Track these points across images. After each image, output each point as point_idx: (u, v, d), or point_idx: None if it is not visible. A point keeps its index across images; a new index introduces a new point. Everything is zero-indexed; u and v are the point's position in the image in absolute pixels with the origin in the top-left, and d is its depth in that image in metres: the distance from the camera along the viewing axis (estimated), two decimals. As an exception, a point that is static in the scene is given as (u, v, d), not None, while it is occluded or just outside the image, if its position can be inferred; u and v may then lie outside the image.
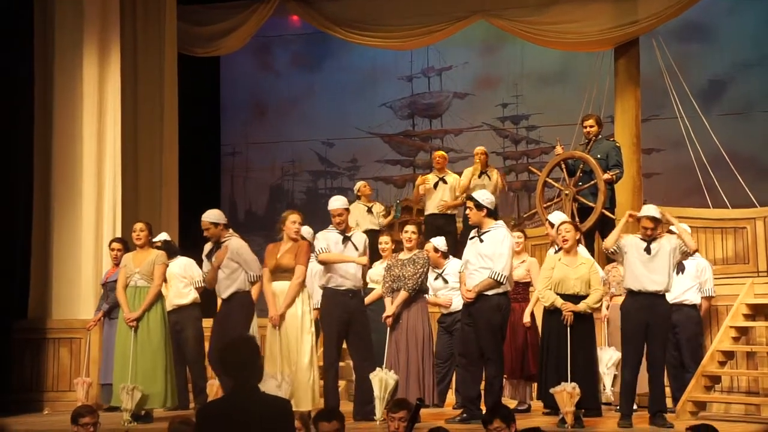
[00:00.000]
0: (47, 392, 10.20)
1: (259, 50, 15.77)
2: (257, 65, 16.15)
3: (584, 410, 7.66)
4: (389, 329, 8.36)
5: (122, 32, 11.35)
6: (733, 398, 8.89)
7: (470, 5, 12.67)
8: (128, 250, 9.14)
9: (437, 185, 11.54)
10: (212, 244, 8.34)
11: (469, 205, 7.95)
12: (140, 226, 8.78)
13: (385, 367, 8.05)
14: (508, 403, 7.91)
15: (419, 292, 8.44)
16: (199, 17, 13.17)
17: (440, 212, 11.49)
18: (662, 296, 7.76)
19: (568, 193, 10.15)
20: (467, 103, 15.53)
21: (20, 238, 10.76)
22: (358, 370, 8.18)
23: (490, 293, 7.65)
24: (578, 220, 9.69)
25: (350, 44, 13.74)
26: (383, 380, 7.86)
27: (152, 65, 11.97)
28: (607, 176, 9.95)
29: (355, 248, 8.17)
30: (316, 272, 8.69)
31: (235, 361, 4.32)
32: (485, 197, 7.88)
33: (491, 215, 7.90)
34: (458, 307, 8.47)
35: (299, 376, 7.74)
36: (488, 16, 12.64)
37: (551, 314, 7.94)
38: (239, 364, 4.31)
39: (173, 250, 9.45)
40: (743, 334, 8.97)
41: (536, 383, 8.48)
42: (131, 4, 11.77)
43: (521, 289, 8.81)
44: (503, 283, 7.67)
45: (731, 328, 8.87)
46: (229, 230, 8.37)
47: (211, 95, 15.52)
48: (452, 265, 9.03)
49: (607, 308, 8.86)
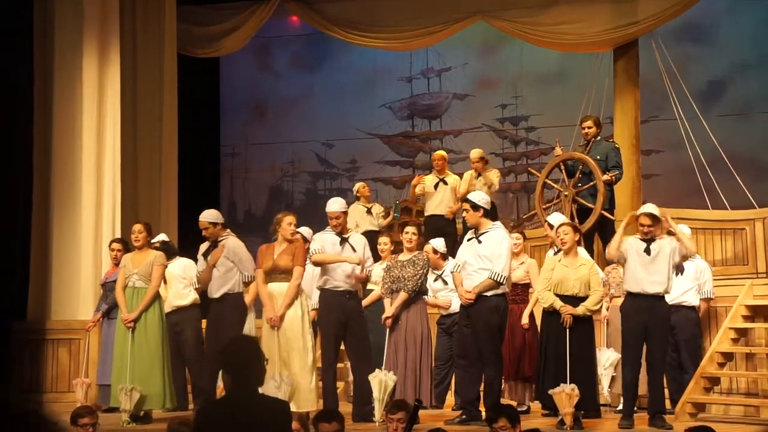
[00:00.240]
0: (46, 393, 10.20)
1: (258, 51, 15.77)
2: (257, 66, 16.16)
3: (583, 411, 7.66)
4: (388, 330, 8.36)
5: (122, 33, 11.36)
6: (732, 400, 8.88)
7: (470, 6, 12.67)
8: (128, 250, 9.14)
9: (437, 186, 11.51)
10: (209, 243, 8.37)
11: (465, 207, 7.96)
12: (139, 227, 8.79)
13: (384, 368, 8.05)
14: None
15: (418, 293, 8.44)
16: (198, 18, 13.18)
17: (447, 217, 11.44)
18: (662, 298, 7.76)
19: (567, 194, 10.15)
20: (467, 104, 15.54)
21: (19, 238, 10.77)
22: (356, 371, 8.18)
23: (488, 294, 7.65)
24: (577, 221, 9.69)
25: (350, 45, 13.75)
26: (382, 381, 7.86)
27: (152, 65, 11.98)
28: (606, 177, 9.96)
29: (353, 250, 8.17)
30: (314, 273, 8.68)
31: (236, 361, 4.32)
32: (480, 198, 7.89)
33: (488, 216, 7.90)
34: (457, 308, 8.46)
35: (298, 377, 7.74)
36: (488, 17, 12.64)
37: (550, 315, 7.95)
38: (240, 364, 4.30)
39: (172, 250, 9.44)
40: (742, 335, 8.97)
41: (534, 384, 8.49)
42: (131, 4, 11.78)
43: (520, 290, 8.80)
44: (503, 283, 7.67)
45: (730, 329, 8.86)
46: (226, 230, 8.41)
47: (210, 96, 15.53)
48: (452, 266, 9.02)
49: (607, 309, 8.86)
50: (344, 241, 8.19)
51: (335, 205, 8.26)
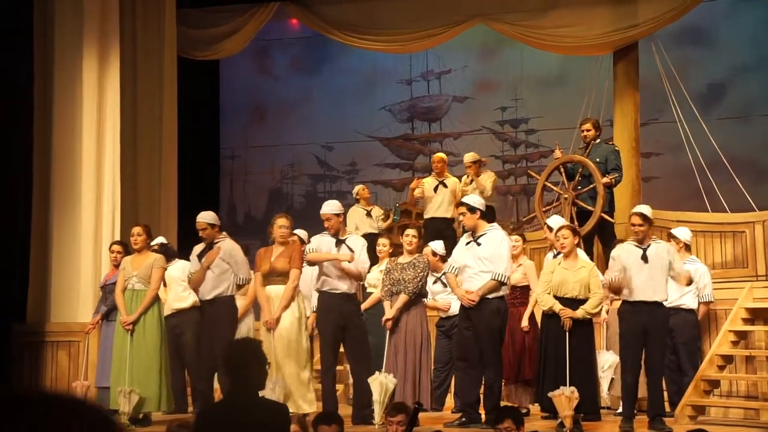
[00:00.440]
0: (45, 395, 10.17)
1: (258, 54, 15.77)
2: (256, 69, 16.15)
3: (583, 414, 7.66)
4: (388, 333, 8.35)
5: (122, 34, 11.36)
6: (732, 402, 8.88)
7: (470, 9, 12.66)
8: (128, 252, 9.13)
9: (437, 189, 11.49)
10: (204, 244, 8.38)
11: (462, 211, 7.99)
12: (138, 230, 8.78)
13: (384, 370, 8.04)
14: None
15: (418, 296, 8.44)
16: (198, 20, 13.18)
17: (451, 218, 11.41)
18: (660, 302, 7.76)
19: (567, 196, 10.15)
20: (466, 106, 15.53)
21: (19, 240, 10.76)
22: (355, 373, 8.17)
23: (489, 297, 7.65)
24: (577, 224, 9.68)
25: (349, 48, 13.74)
26: (382, 384, 7.85)
27: (152, 67, 11.98)
28: (606, 180, 9.96)
29: (350, 251, 8.16)
30: (313, 276, 8.68)
31: (236, 362, 4.32)
32: (475, 200, 7.94)
33: (485, 218, 7.91)
34: (457, 311, 8.45)
35: (297, 379, 7.74)
36: (488, 19, 12.64)
37: (550, 318, 7.94)
38: (240, 366, 4.30)
39: (171, 253, 9.43)
40: (742, 338, 8.97)
41: (533, 387, 8.48)
42: (131, 5, 11.78)
43: (519, 293, 8.80)
44: (506, 283, 7.69)
45: (730, 332, 8.86)
46: (222, 232, 8.44)
47: (210, 98, 15.51)
48: (446, 267, 9.01)
49: (606, 312, 8.85)
50: (340, 243, 8.18)
51: (326, 207, 8.26)
